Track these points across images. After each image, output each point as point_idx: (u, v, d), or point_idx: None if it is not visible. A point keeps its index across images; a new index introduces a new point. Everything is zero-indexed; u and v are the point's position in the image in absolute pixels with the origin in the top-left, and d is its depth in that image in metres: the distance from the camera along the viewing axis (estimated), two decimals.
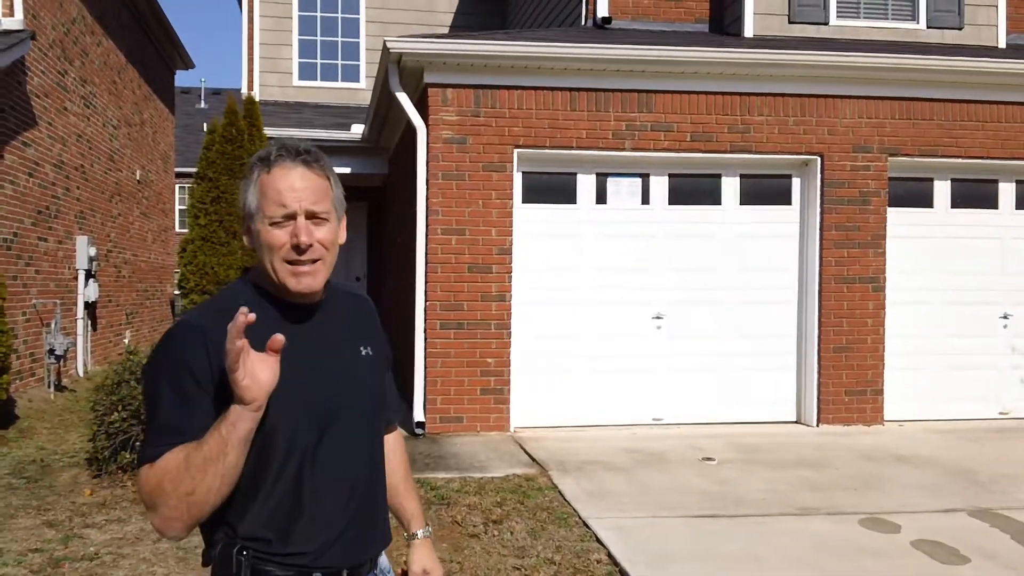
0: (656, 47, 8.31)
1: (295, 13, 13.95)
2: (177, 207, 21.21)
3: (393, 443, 2.29)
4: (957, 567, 4.96)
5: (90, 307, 12.60)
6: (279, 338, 1.67)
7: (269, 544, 1.82)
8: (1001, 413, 9.26)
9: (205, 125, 23.26)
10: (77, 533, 5.53)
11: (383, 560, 2.05)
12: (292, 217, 1.84)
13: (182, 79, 18.85)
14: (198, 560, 4.85)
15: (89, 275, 12.30)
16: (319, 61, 14.06)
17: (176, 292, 22.23)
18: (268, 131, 11.37)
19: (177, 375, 1.78)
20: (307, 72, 14.00)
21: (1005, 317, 9.27)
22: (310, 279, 1.87)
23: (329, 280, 2.00)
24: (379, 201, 14.23)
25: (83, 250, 11.99)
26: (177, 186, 21.32)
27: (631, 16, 9.95)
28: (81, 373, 12.18)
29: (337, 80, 14.07)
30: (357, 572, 1.93)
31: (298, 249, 1.83)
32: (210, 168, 10.69)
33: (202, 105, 28.64)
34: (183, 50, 17.20)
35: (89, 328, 12.60)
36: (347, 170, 12.28)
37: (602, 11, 9.84)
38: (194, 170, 12.53)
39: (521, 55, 8.17)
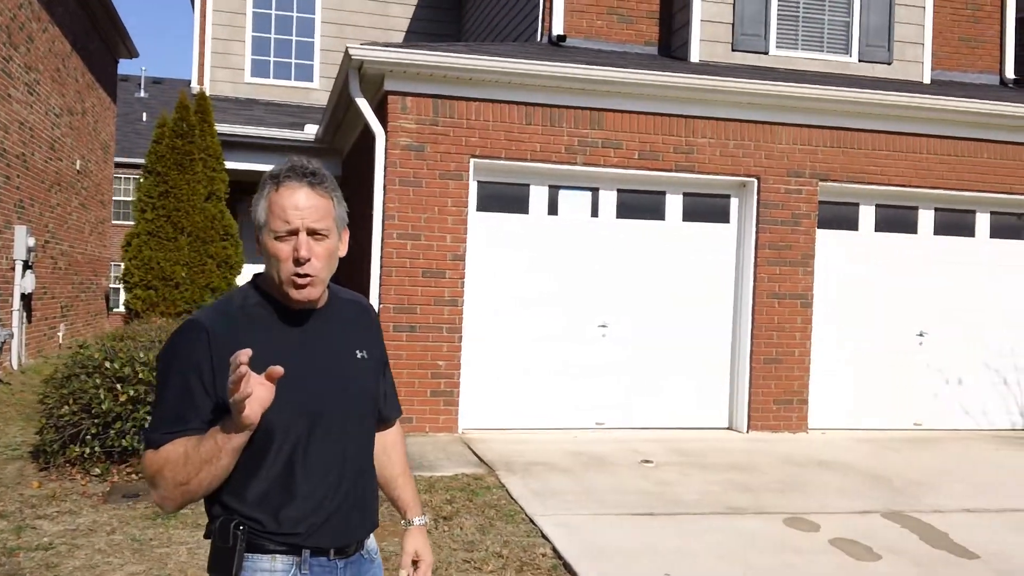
0: (609, 68, 8.72)
1: (249, 9, 14.00)
2: (114, 198, 20.93)
3: (393, 438, 2.48)
4: (870, 563, 5.42)
5: (26, 299, 12.43)
6: (278, 370, 1.84)
7: (262, 523, 2.04)
8: (915, 424, 9.90)
9: (144, 115, 23.01)
10: (29, 524, 5.53)
11: (371, 542, 2.27)
12: (295, 233, 2.03)
13: (121, 67, 18.62)
14: (153, 551, 5.07)
15: (26, 266, 12.12)
16: (272, 59, 14.11)
17: (115, 286, 21.97)
18: (219, 127, 11.44)
19: (184, 370, 2.01)
20: (260, 69, 14.05)
21: (921, 335, 9.91)
22: (309, 290, 2.06)
23: (332, 286, 2.23)
24: None
25: (21, 240, 11.78)
26: (114, 177, 21.05)
27: (584, 35, 10.36)
28: (16, 366, 12.03)
29: (290, 79, 14.15)
30: (344, 552, 2.14)
31: (298, 262, 2.03)
32: (159, 162, 10.73)
33: (141, 94, 28.22)
34: (128, 38, 17.08)
35: (24, 320, 12.45)
36: None
37: (557, 29, 10.22)
38: (131, 160, 12.57)
39: (480, 68, 8.49)
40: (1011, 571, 5.35)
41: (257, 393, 1.85)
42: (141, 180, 10.81)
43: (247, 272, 12.56)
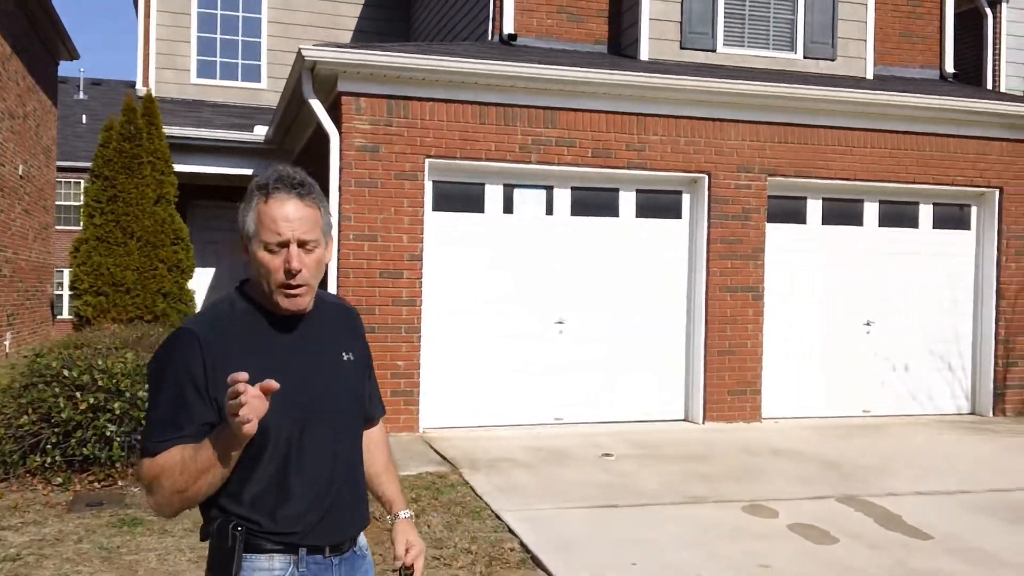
0: (563, 68, 8.82)
1: (194, 10, 13.83)
2: (56, 203, 20.53)
3: (377, 436, 2.52)
4: (828, 547, 5.59)
5: None
6: (273, 384, 1.88)
7: (259, 524, 2.09)
8: (864, 411, 10.16)
9: (84, 117, 22.54)
10: None
11: (362, 539, 2.33)
12: (285, 245, 2.06)
13: (60, 68, 18.28)
14: (121, 559, 5.04)
15: None
16: (218, 59, 13.97)
17: (59, 292, 21.54)
18: (167, 130, 11.31)
19: (177, 378, 2.03)
20: (206, 70, 13.89)
21: (868, 324, 10.17)
22: (299, 300, 2.11)
23: (317, 291, 2.26)
24: None
25: None
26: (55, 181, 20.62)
27: (535, 34, 10.44)
28: None
29: (237, 79, 14.01)
30: (338, 549, 2.19)
31: (289, 274, 2.06)
32: (107, 166, 10.58)
33: (81, 96, 27.66)
34: (68, 39, 16.77)
35: None
36: (248, 171, 12.33)
37: (508, 28, 10.29)
38: (72, 164, 12.35)
39: (434, 69, 8.53)
40: (963, 550, 5.55)
41: (253, 406, 1.87)
42: (88, 185, 10.64)
43: (199, 276, 12.44)
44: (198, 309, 11.10)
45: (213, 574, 2.10)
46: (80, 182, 25.77)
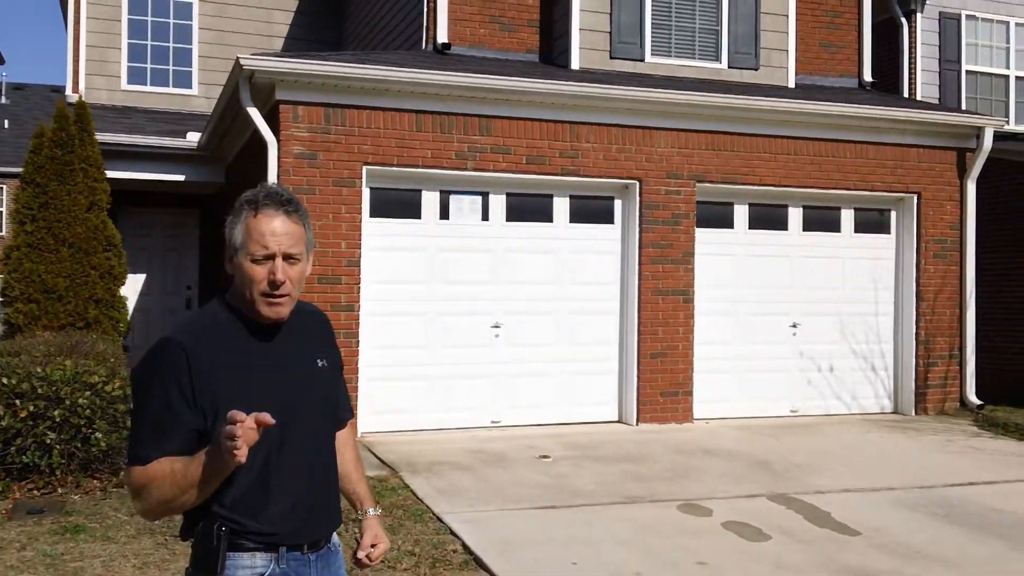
0: (498, 77, 8.98)
1: (124, 16, 13.67)
2: None
3: (346, 437, 2.64)
4: (761, 543, 5.83)
5: None
6: (268, 420, 2.00)
7: (242, 524, 2.21)
8: (792, 411, 10.51)
9: (7, 122, 22.05)
10: None
11: (335, 537, 2.47)
12: (271, 257, 2.21)
13: None
14: (66, 565, 5.06)
15: None
16: (149, 66, 13.83)
17: None
18: (100, 136, 11.19)
19: (163, 385, 2.15)
20: (137, 76, 13.73)
21: (794, 326, 10.52)
22: (280, 309, 2.26)
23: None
24: (213, 210, 14.17)
25: None
26: None
27: (469, 43, 10.59)
28: None
29: (168, 86, 13.89)
30: (316, 546, 2.34)
31: (273, 285, 2.22)
32: (38, 173, 10.43)
33: (3, 100, 27.00)
34: None
35: None
36: (181, 178, 12.23)
37: (442, 37, 10.42)
38: None
39: (372, 78, 8.62)
40: (889, 545, 5.84)
41: (247, 437, 1.99)
42: (19, 192, 10.47)
43: (131, 282, 12.29)
44: (130, 315, 11.00)
45: (197, 573, 2.21)
46: (3, 187, 25.13)
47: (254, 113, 8.64)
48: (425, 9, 10.56)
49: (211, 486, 2.12)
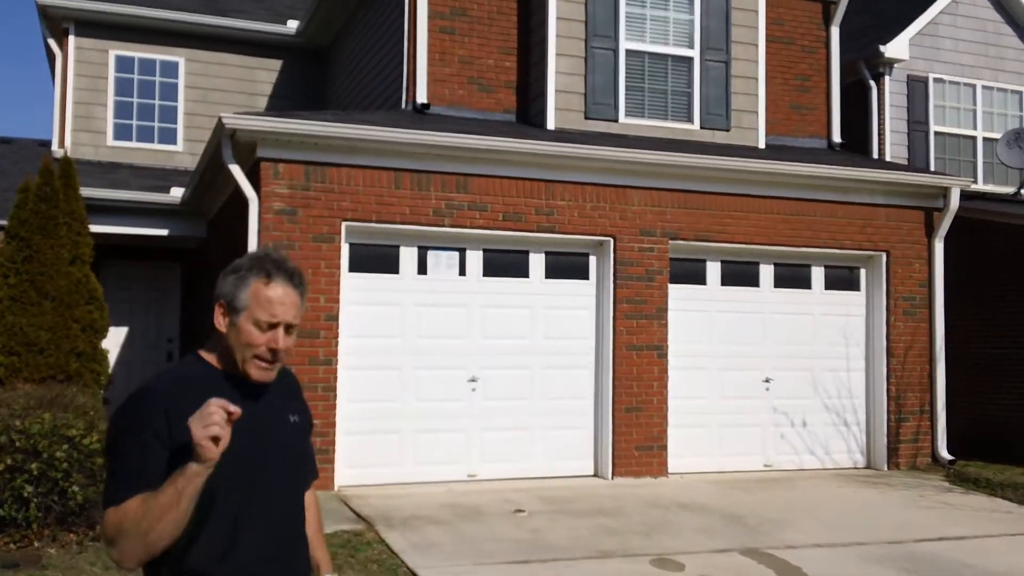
0: (475, 136, 9.23)
1: (111, 74, 13.92)
2: None
3: (310, 499, 2.66)
4: None
5: None
6: (236, 411, 2.09)
7: (209, 574, 2.25)
8: (766, 466, 10.62)
9: None
10: None
11: None
12: (275, 326, 2.32)
13: None
14: None
15: None
16: (135, 122, 14.05)
17: None
18: (84, 191, 11.33)
19: (140, 432, 2.20)
20: (123, 132, 13.94)
21: (767, 381, 10.68)
22: (270, 372, 2.38)
23: None
24: (195, 264, 14.30)
25: None
26: None
27: (447, 103, 10.86)
28: None
29: (153, 142, 14.10)
30: None
31: (274, 353, 2.33)
32: (22, 227, 10.54)
33: None
34: None
35: None
36: (164, 232, 12.38)
37: (421, 97, 10.69)
38: None
39: (351, 137, 8.84)
40: None
41: (222, 427, 2.08)
42: (3, 245, 10.58)
43: (112, 335, 12.34)
44: (111, 368, 11.04)
45: None
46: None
47: (236, 170, 8.82)
48: (405, 70, 10.85)
49: (184, 505, 2.12)
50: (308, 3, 14.71)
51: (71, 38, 13.80)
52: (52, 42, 14.00)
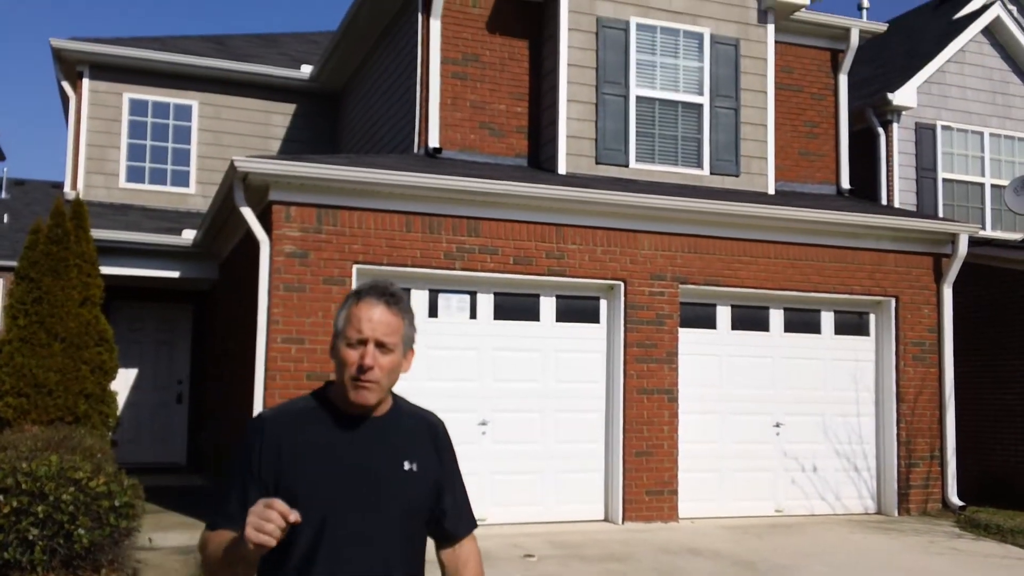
0: (486, 180, 9.29)
1: (125, 116, 14.08)
2: None
3: (465, 556, 2.57)
4: None
5: None
6: (298, 518, 2.05)
7: None
8: (777, 511, 10.52)
9: (6, 216, 22.52)
10: None
11: None
12: (364, 343, 2.32)
13: None
14: None
15: None
16: (148, 165, 14.18)
17: None
18: (95, 233, 11.41)
19: (240, 459, 2.33)
20: (135, 175, 14.07)
21: (778, 425, 10.63)
22: (366, 394, 2.33)
23: (398, 399, 2.51)
24: (206, 305, 14.34)
25: None
26: None
27: (459, 148, 10.96)
28: None
29: (166, 184, 14.22)
30: None
31: (361, 369, 2.31)
32: (32, 269, 10.59)
33: (2, 195, 27.33)
34: None
35: None
36: (175, 274, 12.44)
37: (433, 142, 10.79)
38: None
39: (362, 180, 8.91)
40: None
41: (268, 529, 2.03)
42: (13, 287, 10.62)
43: (122, 376, 12.36)
44: (120, 410, 11.05)
45: None
46: (0, 281, 25.33)
47: (247, 213, 8.88)
48: (417, 115, 10.96)
49: (241, 570, 2.19)
50: (322, 48, 14.91)
51: (85, 81, 13.97)
52: (66, 85, 14.18)
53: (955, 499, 10.89)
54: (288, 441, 2.30)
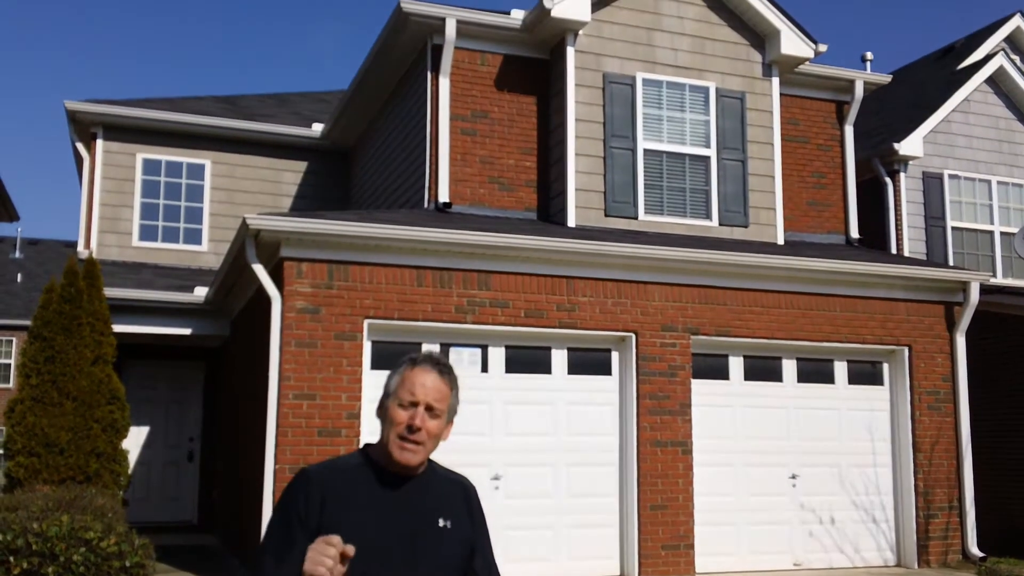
0: (496, 234, 9.34)
1: (138, 176, 14.24)
2: None
3: None
4: None
5: None
6: (351, 551, 2.21)
7: None
8: (795, 564, 10.36)
9: (20, 275, 22.61)
10: None
11: None
12: (416, 404, 2.48)
13: None
14: None
15: None
16: (161, 223, 14.31)
17: None
18: (108, 291, 11.47)
19: (286, 510, 2.43)
20: (148, 233, 14.19)
21: (793, 477, 10.52)
22: (410, 455, 2.48)
23: (436, 466, 2.62)
24: (218, 362, 14.36)
25: None
26: None
27: (469, 202, 11.04)
28: None
29: (179, 242, 14.33)
30: None
31: (411, 429, 2.46)
32: (45, 328, 10.64)
33: (16, 255, 27.68)
34: (11, 203, 16.95)
35: None
36: (187, 331, 12.47)
37: (443, 196, 10.88)
38: (4, 322, 12.33)
39: (373, 236, 8.97)
40: None
41: (327, 565, 2.18)
42: (26, 346, 10.68)
43: (134, 434, 12.34)
44: (131, 468, 11.02)
45: None
46: (13, 340, 25.52)
47: (259, 269, 8.93)
48: (427, 171, 11.06)
49: None
50: (332, 107, 15.11)
51: (99, 142, 14.15)
52: (80, 145, 14.37)
53: (975, 550, 10.72)
54: (332, 495, 2.42)
